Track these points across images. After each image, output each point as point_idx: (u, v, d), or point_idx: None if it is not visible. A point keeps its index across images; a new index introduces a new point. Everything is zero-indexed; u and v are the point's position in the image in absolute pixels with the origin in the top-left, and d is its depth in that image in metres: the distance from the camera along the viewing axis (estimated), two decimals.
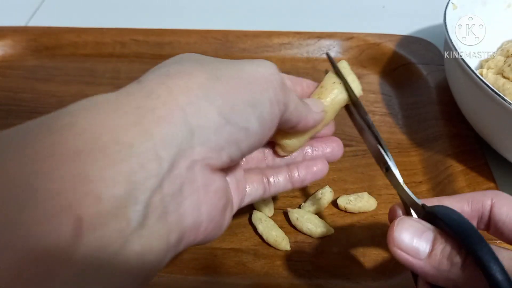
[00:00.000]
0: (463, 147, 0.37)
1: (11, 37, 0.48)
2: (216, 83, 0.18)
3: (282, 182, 0.26)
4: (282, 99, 0.21)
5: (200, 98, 0.18)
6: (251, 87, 0.19)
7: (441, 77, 0.43)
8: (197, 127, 0.17)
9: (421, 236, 0.19)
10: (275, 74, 0.21)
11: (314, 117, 0.24)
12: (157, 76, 0.18)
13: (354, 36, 0.48)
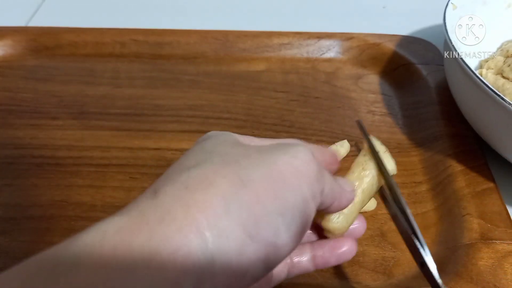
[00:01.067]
0: (463, 147, 0.37)
1: (11, 37, 0.48)
2: (242, 190, 0.17)
3: (305, 263, 0.23)
4: (318, 189, 0.19)
5: (221, 217, 0.16)
6: (283, 190, 0.17)
7: (441, 77, 0.43)
8: (218, 252, 0.15)
9: None
10: (311, 163, 0.19)
11: (347, 197, 0.22)
12: (175, 189, 0.17)
13: (354, 36, 0.48)
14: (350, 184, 0.23)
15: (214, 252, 0.15)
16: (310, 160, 0.19)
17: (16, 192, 0.35)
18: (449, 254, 0.30)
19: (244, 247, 0.16)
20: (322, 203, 0.20)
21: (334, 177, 0.22)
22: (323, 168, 0.20)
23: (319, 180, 0.19)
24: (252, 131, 0.40)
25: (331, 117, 0.41)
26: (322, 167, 0.20)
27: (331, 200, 0.21)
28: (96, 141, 0.39)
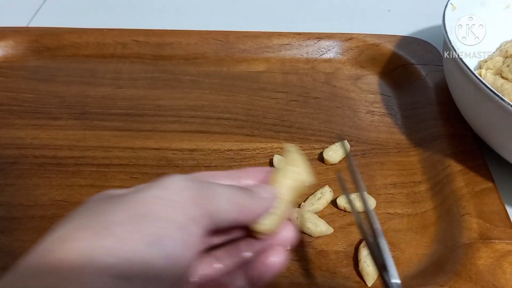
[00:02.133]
0: (461, 147, 0.37)
1: (13, 38, 0.48)
2: (102, 238, 0.16)
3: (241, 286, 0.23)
4: (201, 213, 0.19)
5: (83, 269, 0.16)
6: (151, 222, 0.17)
7: (440, 77, 0.43)
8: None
9: None
10: (185, 191, 0.19)
11: (263, 204, 0.22)
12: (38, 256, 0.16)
13: (353, 37, 0.48)
14: (268, 191, 0.23)
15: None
16: (185, 187, 0.19)
17: (17, 192, 0.35)
18: (448, 253, 0.30)
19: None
20: (224, 220, 0.20)
21: (244, 189, 0.22)
22: (211, 190, 0.20)
23: (200, 204, 0.19)
24: (252, 131, 0.40)
25: (331, 117, 0.41)
26: (210, 189, 0.20)
27: (237, 213, 0.21)
28: (98, 141, 0.39)
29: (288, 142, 0.39)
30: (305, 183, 0.24)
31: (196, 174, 0.22)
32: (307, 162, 0.24)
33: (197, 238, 0.19)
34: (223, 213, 0.20)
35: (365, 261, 0.29)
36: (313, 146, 0.38)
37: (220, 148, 0.38)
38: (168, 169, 0.36)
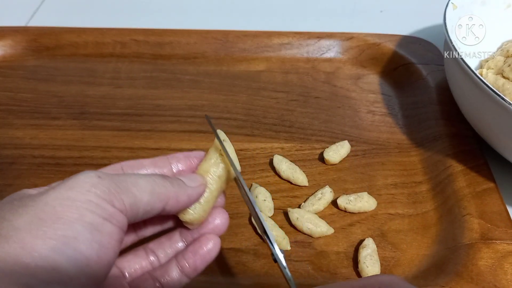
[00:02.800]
0: (463, 147, 0.37)
1: (12, 37, 0.48)
2: (9, 245, 0.16)
3: (176, 278, 0.23)
4: (115, 209, 0.18)
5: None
6: (56, 224, 0.17)
7: (441, 77, 0.43)
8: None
9: None
10: (92, 189, 0.18)
11: (188, 192, 0.22)
12: None
13: (354, 36, 0.48)
14: (196, 179, 0.23)
15: None
16: (92, 185, 0.18)
17: None
18: (449, 254, 0.30)
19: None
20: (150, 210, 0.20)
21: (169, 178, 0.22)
22: (126, 183, 0.19)
23: (112, 200, 0.18)
24: (252, 131, 0.40)
25: (331, 117, 0.41)
26: (125, 183, 0.19)
27: (162, 202, 0.20)
28: (97, 141, 0.39)
29: (288, 142, 0.39)
30: (232, 172, 0.24)
31: (116, 165, 0.22)
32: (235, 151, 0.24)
33: (114, 236, 0.18)
34: (145, 204, 0.20)
35: (364, 262, 0.29)
36: (313, 146, 0.38)
37: None
38: None
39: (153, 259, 0.24)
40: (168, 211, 0.21)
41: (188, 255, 0.23)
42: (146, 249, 0.24)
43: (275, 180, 0.35)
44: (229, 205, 0.34)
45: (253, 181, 0.35)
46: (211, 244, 0.23)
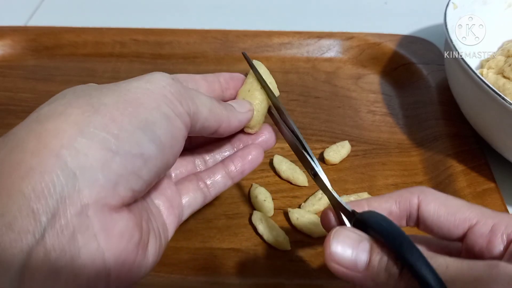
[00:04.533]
0: (463, 147, 0.37)
1: (11, 37, 0.48)
2: (95, 115, 0.17)
3: (221, 180, 0.25)
4: (183, 110, 0.19)
5: (77, 137, 0.16)
6: (139, 108, 0.18)
7: (441, 77, 0.43)
8: (79, 169, 0.16)
9: (358, 247, 0.18)
10: (167, 86, 0.19)
11: (238, 118, 0.24)
12: (27, 124, 0.17)
13: (354, 36, 0.48)
14: (246, 105, 0.25)
15: (74, 169, 0.16)
16: (167, 84, 0.20)
17: None
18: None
19: (107, 162, 0.17)
20: (206, 128, 0.22)
21: (223, 103, 0.23)
22: (192, 92, 0.21)
23: (182, 101, 0.20)
24: None
25: (331, 117, 0.41)
26: (191, 92, 0.21)
27: (216, 123, 0.22)
28: None
29: None
30: (275, 94, 0.26)
31: (175, 75, 0.23)
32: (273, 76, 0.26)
33: (182, 132, 0.20)
34: (203, 119, 0.21)
35: None
36: (313, 146, 0.38)
37: None
38: None
39: (200, 163, 0.26)
40: (220, 134, 0.23)
41: (236, 159, 0.25)
42: (193, 153, 0.26)
43: (275, 180, 0.35)
44: (229, 205, 0.34)
45: (253, 181, 0.35)
46: (258, 151, 0.26)
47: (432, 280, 0.16)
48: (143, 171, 0.18)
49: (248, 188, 0.35)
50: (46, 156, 0.16)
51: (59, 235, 0.15)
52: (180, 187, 0.24)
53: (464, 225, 0.19)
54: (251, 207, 0.33)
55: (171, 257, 0.30)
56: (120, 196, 0.17)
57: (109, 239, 0.17)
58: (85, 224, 0.16)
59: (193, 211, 0.24)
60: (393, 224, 0.18)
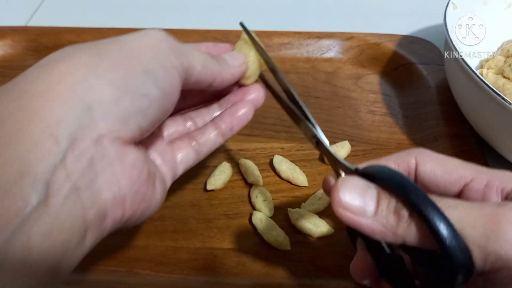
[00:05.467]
0: (463, 147, 0.37)
1: (11, 37, 0.48)
2: (102, 59, 0.19)
3: (211, 138, 0.26)
4: (177, 63, 0.20)
5: (87, 76, 0.18)
6: (140, 57, 0.19)
7: (441, 77, 0.43)
8: (94, 102, 0.17)
9: (366, 194, 0.18)
10: (162, 41, 0.21)
11: (231, 72, 0.24)
12: (41, 64, 0.18)
13: (354, 36, 0.48)
14: (239, 58, 0.25)
15: (89, 103, 0.17)
16: (162, 39, 0.21)
17: None
18: None
19: (118, 98, 0.18)
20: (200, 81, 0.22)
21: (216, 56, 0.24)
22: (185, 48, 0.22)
23: (177, 55, 0.21)
24: (252, 131, 0.40)
25: (331, 117, 0.41)
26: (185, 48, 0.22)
27: (210, 77, 0.23)
28: None
29: (288, 142, 0.39)
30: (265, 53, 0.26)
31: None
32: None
33: (178, 83, 0.21)
34: (197, 74, 0.22)
35: None
36: None
37: (220, 148, 0.38)
38: None
39: (191, 124, 0.27)
40: (214, 87, 0.24)
41: (225, 117, 0.26)
42: (184, 116, 0.27)
43: (275, 180, 0.35)
44: (229, 205, 0.34)
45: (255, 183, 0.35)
46: (247, 108, 0.26)
47: (440, 220, 0.16)
48: (148, 111, 0.19)
49: (248, 188, 0.35)
50: (62, 90, 0.17)
51: (78, 160, 0.17)
52: (173, 146, 0.25)
53: (460, 182, 0.20)
54: (251, 207, 0.34)
55: (171, 257, 0.31)
56: (131, 131, 0.19)
57: (123, 168, 0.18)
58: (101, 153, 0.17)
59: (186, 168, 0.25)
60: (397, 172, 0.18)
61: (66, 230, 0.16)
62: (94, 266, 0.30)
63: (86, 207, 0.17)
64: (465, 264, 0.16)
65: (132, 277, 0.29)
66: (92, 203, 0.17)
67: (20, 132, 0.16)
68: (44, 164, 0.16)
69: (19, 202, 0.15)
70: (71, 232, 0.16)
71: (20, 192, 0.15)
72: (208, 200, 0.34)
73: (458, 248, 0.16)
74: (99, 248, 0.31)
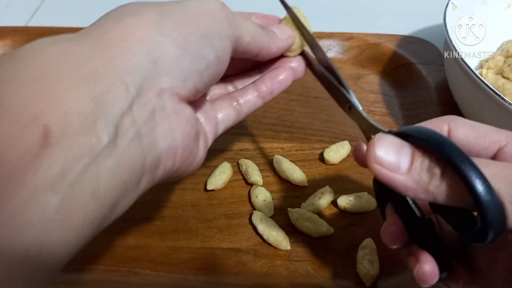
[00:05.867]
0: None
1: (11, 37, 0.48)
2: (167, 19, 0.19)
3: (252, 99, 0.27)
4: (230, 32, 0.21)
5: (155, 33, 0.19)
6: (199, 21, 0.20)
7: (441, 77, 0.43)
8: (159, 58, 0.18)
9: (401, 150, 0.18)
10: (219, 10, 0.21)
11: (278, 44, 0.25)
12: (112, 16, 0.19)
13: (354, 36, 0.48)
14: (287, 31, 0.26)
15: (156, 57, 0.18)
16: (220, 7, 0.22)
17: None
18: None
19: (180, 57, 0.19)
20: (248, 51, 0.23)
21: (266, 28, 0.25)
22: (238, 18, 0.22)
23: (230, 24, 0.21)
24: (252, 131, 0.40)
25: (331, 117, 0.41)
26: (237, 17, 0.22)
27: (258, 48, 0.24)
28: None
29: (288, 142, 0.39)
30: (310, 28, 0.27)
31: None
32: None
33: (229, 50, 0.22)
34: (245, 44, 0.23)
35: (362, 262, 0.29)
36: (313, 146, 0.38)
37: (220, 148, 0.38)
38: None
39: (231, 87, 0.28)
40: (260, 58, 0.25)
41: (266, 80, 0.27)
42: (225, 80, 0.28)
43: (275, 180, 0.36)
44: (229, 205, 0.34)
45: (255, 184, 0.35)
46: (287, 73, 0.27)
47: (475, 175, 0.16)
48: (204, 73, 0.20)
49: (248, 188, 0.35)
50: (132, 42, 0.18)
51: (143, 108, 0.18)
52: (215, 105, 0.26)
53: (494, 147, 0.20)
54: (251, 207, 0.34)
55: (171, 256, 0.31)
56: (187, 89, 0.20)
57: (178, 122, 0.20)
58: (161, 105, 0.18)
59: (227, 127, 0.26)
60: (432, 130, 0.18)
61: (128, 171, 0.17)
62: (95, 265, 0.30)
63: (145, 153, 0.18)
64: (498, 220, 0.16)
65: (133, 277, 0.29)
66: (151, 150, 0.18)
67: (96, 75, 0.17)
68: (115, 107, 0.17)
69: (93, 139, 0.16)
70: (131, 174, 0.17)
71: (94, 130, 0.16)
72: (208, 200, 0.34)
73: (493, 203, 0.16)
74: (99, 248, 0.31)
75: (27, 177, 0.14)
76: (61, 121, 0.15)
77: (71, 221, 0.15)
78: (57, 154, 0.15)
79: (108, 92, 0.16)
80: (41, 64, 0.16)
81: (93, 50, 0.17)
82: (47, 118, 0.15)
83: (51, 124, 0.15)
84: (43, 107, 0.15)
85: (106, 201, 0.16)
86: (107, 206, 0.17)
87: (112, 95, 0.17)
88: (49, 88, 0.15)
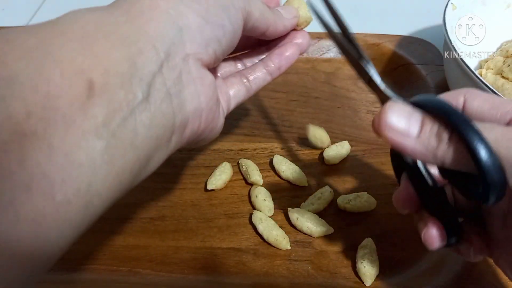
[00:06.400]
0: None
1: None
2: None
3: (261, 75, 0.28)
4: (243, 6, 0.23)
5: (178, 4, 0.20)
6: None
7: (440, 77, 0.43)
8: (184, 26, 0.20)
9: (411, 117, 0.19)
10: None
11: (284, 23, 0.27)
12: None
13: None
14: (292, 11, 0.28)
15: (181, 25, 0.20)
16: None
17: None
18: (449, 253, 0.30)
19: (202, 26, 0.21)
20: (256, 28, 0.25)
21: (273, 8, 0.26)
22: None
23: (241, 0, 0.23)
24: (252, 131, 0.40)
25: (331, 117, 0.41)
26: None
27: (265, 26, 0.25)
28: None
29: (288, 142, 0.39)
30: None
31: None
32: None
33: (240, 23, 0.23)
34: (253, 20, 0.24)
35: (362, 261, 0.29)
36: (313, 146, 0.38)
37: (220, 148, 0.38)
38: (166, 169, 0.36)
39: (241, 66, 0.29)
40: (266, 36, 0.27)
41: (274, 57, 0.28)
42: (234, 58, 0.29)
43: (275, 180, 0.36)
44: (229, 205, 0.34)
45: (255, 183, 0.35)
46: (294, 49, 0.28)
47: (478, 140, 0.17)
48: (222, 40, 0.22)
49: (248, 188, 0.35)
50: (160, 11, 0.20)
51: (171, 70, 0.19)
52: (226, 81, 0.27)
53: (506, 117, 0.20)
54: (251, 207, 0.34)
55: (171, 256, 0.31)
56: (208, 55, 0.21)
57: (203, 86, 0.21)
58: (187, 69, 0.20)
59: (238, 103, 0.27)
60: (442, 99, 0.19)
61: (161, 127, 0.19)
62: (95, 265, 0.30)
63: (175, 112, 0.20)
64: (499, 183, 0.17)
65: (133, 277, 0.30)
66: (180, 110, 0.20)
67: (129, 40, 0.18)
68: (147, 68, 0.18)
69: (130, 95, 0.17)
70: (163, 130, 0.19)
71: (130, 87, 0.17)
72: (208, 200, 0.34)
73: (493, 167, 0.16)
74: (100, 248, 0.31)
75: (76, 122, 0.15)
76: (102, 77, 0.16)
77: (114, 167, 0.17)
78: (101, 104, 0.16)
79: (141, 54, 0.18)
80: (81, 28, 0.17)
81: (125, 18, 0.19)
82: (91, 72, 0.16)
83: (94, 78, 0.16)
84: (87, 62, 0.16)
85: (142, 153, 0.18)
86: (143, 158, 0.18)
87: (144, 57, 0.18)
88: (91, 47, 0.17)
